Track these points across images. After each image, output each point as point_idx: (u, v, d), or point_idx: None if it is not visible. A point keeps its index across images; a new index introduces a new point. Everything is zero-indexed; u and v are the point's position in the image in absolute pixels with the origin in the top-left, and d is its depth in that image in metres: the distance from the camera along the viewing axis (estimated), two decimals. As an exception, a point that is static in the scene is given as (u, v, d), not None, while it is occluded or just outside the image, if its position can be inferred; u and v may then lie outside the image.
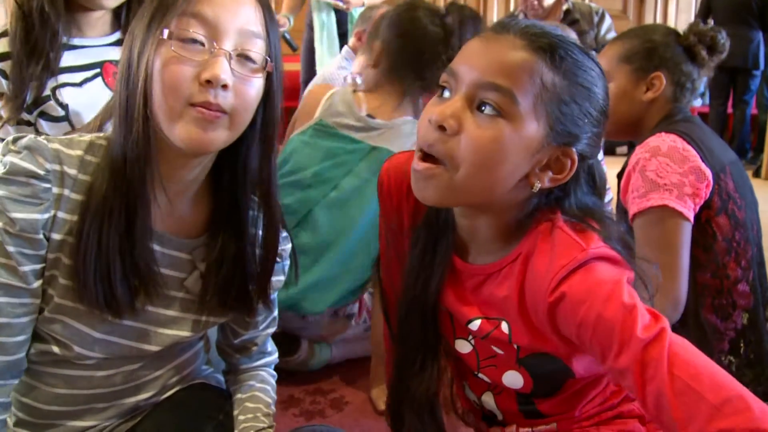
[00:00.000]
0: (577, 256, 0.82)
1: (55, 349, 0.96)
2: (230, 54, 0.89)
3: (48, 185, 0.89)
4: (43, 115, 1.45)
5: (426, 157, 0.85)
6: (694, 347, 0.78)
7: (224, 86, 0.88)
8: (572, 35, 2.31)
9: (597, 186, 0.95)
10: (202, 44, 0.89)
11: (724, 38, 1.57)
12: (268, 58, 0.94)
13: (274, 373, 1.23)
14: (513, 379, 0.97)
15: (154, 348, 1.02)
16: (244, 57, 0.91)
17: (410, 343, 1.02)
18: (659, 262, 1.38)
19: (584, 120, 0.86)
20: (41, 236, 0.90)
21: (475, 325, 0.96)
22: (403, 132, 1.63)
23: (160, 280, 0.97)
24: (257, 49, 0.92)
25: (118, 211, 0.91)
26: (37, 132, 1.48)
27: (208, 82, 0.87)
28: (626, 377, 0.78)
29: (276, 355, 1.23)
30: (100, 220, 0.90)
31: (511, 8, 6.38)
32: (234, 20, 0.90)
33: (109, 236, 0.91)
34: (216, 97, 0.88)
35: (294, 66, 3.66)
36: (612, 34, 3.25)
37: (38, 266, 0.91)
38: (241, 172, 1.00)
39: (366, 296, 1.83)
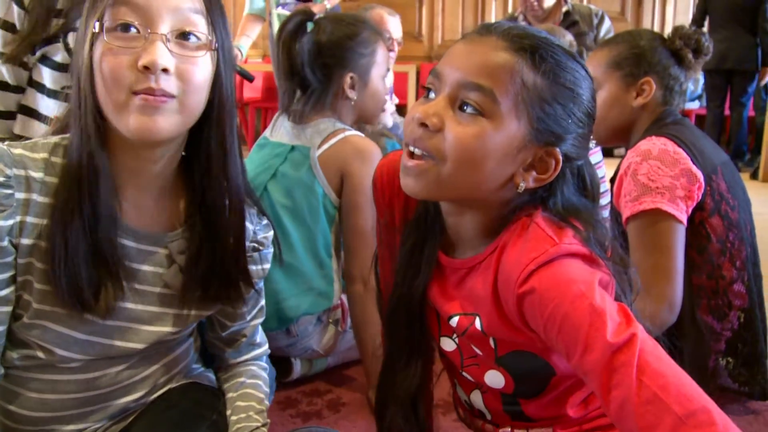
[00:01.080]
0: (549, 249, 0.82)
1: (39, 353, 0.95)
2: (166, 36, 0.88)
3: (10, 191, 0.88)
4: (46, 60, 1.37)
5: (412, 154, 0.87)
6: (665, 355, 0.77)
7: (164, 70, 0.87)
8: (568, 37, 2.31)
9: (587, 188, 0.95)
10: (138, 31, 0.87)
11: (707, 40, 1.59)
12: (211, 35, 0.92)
13: (266, 365, 1.22)
14: (494, 378, 0.98)
15: (138, 346, 1.01)
16: (182, 37, 0.90)
17: (397, 339, 1.04)
18: (653, 264, 1.39)
19: (568, 120, 0.87)
20: (5, 243, 0.89)
21: (455, 321, 0.97)
22: (320, 129, 1.67)
23: (129, 276, 0.97)
24: (197, 28, 0.91)
25: (79, 210, 0.90)
26: (31, 80, 1.41)
27: (146, 68, 0.86)
28: (591, 379, 0.78)
29: (266, 346, 1.23)
30: (64, 220, 0.90)
31: (510, 10, 6.39)
32: (165, 2, 0.89)
33: (72, 236, 0.90)
34: (158, 82, 0.87)
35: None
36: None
37: (6, 274, 0.90)
38: (205, 159, 0.99)
39: (345, 299, 1.80)
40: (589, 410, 1.01)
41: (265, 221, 1.12)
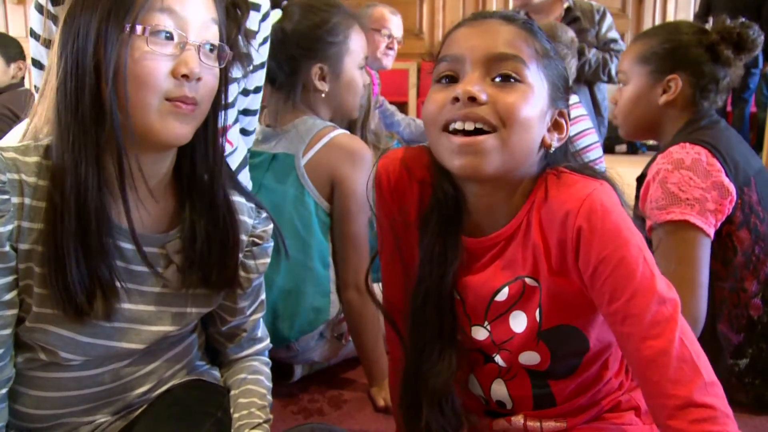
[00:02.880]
0: (598, 186, 0.89)
1: (42, 355, 0.96)
2: (199, 46, 0.91)
3: (6, 196, 0.88)
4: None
5: (462, 132, 0.88)
6: None
7: (198, 79, 0.91)
8: (570, 33, 2.30)
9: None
10: (171, 38, 0.90)
11: (755, 33, 1.50)
12: (224, 44, 0.96)
13: (268, 360, 1.22)
14: (530, 357, 0.99)
15: (140, 346, 1.02)
16: (208, 49, 0.93)
17: (427, 333, 1.02)
18: (678, 275, 1.35)
19: (561, 80, 0.95)
20: (7, 248, 0.89)
21: (504, 293, 0.97)
22: (300, 132, 1.59)
23: (126, 278, 0.97)
24: (216, 37, 0.95)
25: (70, 214, 0.89)
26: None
27: (184, 76, 0.89)
28: (630, 323, 0.84)
29: (267, 340, 1.23)
30: (56, 224, 0.89)
31: (510, 6, 6.38)
32: (198, 12, 0.92)
33: (65, 240, 0.89)
34: (191, 91, 0.90)
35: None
36: (613, 32, 3.24)
37: (9, 278, 0.90)
38: (203, 158, 1.01)
39: None
40: (602, 406, 1.03)
41: (264, 214, 1.12)
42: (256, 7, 1.41)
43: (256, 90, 1.61)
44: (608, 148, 5.18)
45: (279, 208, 1.55)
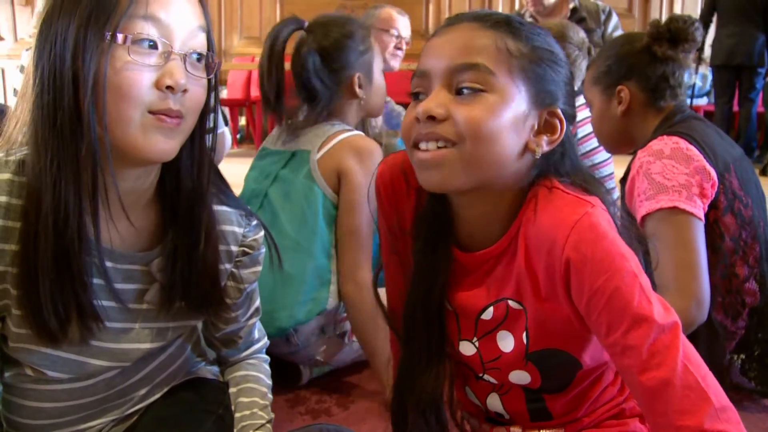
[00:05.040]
0: (588, 211, 0.84)
1: (29, 372, 0.95)
2: (185, 56, 0.86)
3: None
4: None
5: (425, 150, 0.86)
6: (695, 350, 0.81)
7: (184, 91, 0.85)
8: (581, 33, 2.30)
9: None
10: (154, 47, 0.84)
11: (686, 24, 1.53)
12: (211, 53, 0.91)
13: (267, 357, 1.21)
14: (520, 376, 0.97)
15: (125, 363, 1.00)
16: (195, 58, 0.88)
17: (416, 343, 1.02)
18: (676, 260, 1.37)
19: (556, 78, 0.89)
20: None
21: (489, 313, 0.96)
22: (319, 133, 1.65)
23: (106, 299, 0.93)
24: (203, 45, 0.90)
25: (46, 238, 0.84)
26: None
27: (169, 88, 0.84)
28: (629, 356, 0.80)
29: (265, 339, 1.22)
30: (30, 247, 0.85)
31: (516, 7, 6.37)
32: (184, 19, 0.87)
33: (39, 262, 0.84)
34: (176, 104, 0.85)
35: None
36: (619, 32, 3.24)
37: None
38: (188, 173, 0.96)
39: None
40: (601, 412, 1.02)
41: (254, 222, 1.08)
42: None
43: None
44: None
45: (288, 195, 1.65)
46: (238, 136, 7.04)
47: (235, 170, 2.14)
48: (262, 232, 1.09)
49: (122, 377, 1.02)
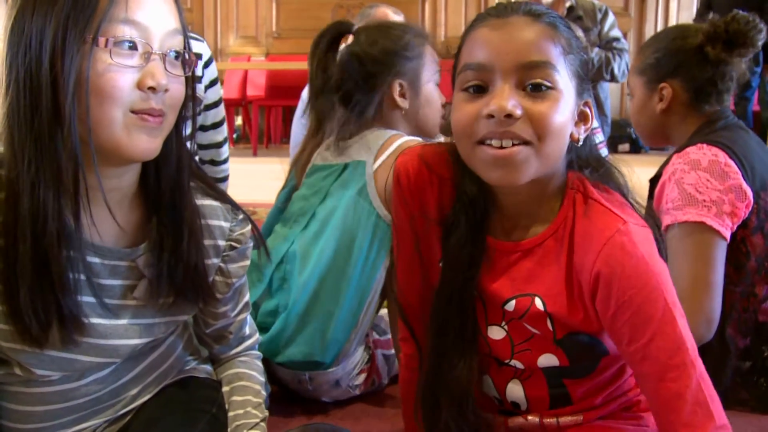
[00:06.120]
0: (620, 228, 0.88)
1: (17, 370, 0.94)
2: (164, 56, 0.88)
3: None
4: None
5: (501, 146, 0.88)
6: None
7: (165, 90, 0.87)
8: (578, 32, 2.30)
9: None
10: (134, 48, 0.86)
11: (748, 26, 1.46)
12: (187, 53, 0.92)
13: (259, 353, 1.21)
14: (549, 360, 0.99)
15: (115, 359, 1.00)
16: (173, 56, 0.90)
17: (449, 334, 1.01)
18: (693, 275, 1.35)
19: (585, 69, 0.94)
20: None
21: (512, 305, 0.97)
22: (368, 140, 1.56)
23: (94, 295, 0.93)
24: (181, 44, 0.91)
25: (24, 241, 0.84)
26: None
27: (151, 88, 0.85)
28: (648, 365, 0.85)
29: (257, 335, 1.21)
30: (10, 245, 0.85)
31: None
32: (161, 22, 0.88)
33: (18, 265, 0.84)
34: (158, 103, 0.87)
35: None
36: (615, 31, 3.25)
37: None
38: (168, 168, 0.97)
39: (380, 360, 1.64)
40: (620, 403, 1.04)
41: (241, 216, 1.08)
42: (198, 57, 1.51)
43: (214, 126, 1.83)
44: (612, 147, 5.18)
45: (333, 213, 1.53)
46: (234, 135, 7.03)
47: (231, 170, 2.14)
48: (249, 227, 1.09)
49: (113, 377, 1.02)
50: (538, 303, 0.95)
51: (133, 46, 0.85)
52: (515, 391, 1.04)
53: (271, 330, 1.51)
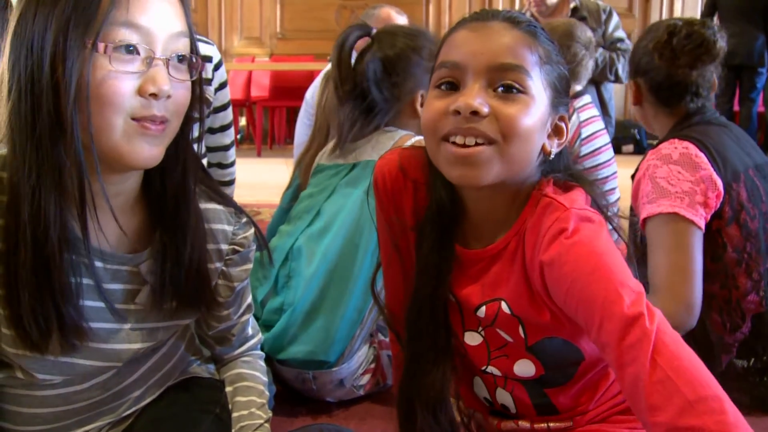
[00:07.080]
0: (560, 216, 0.87)
1: (19, 374, 0.93)
2: (167, 61, 0.85)
3: None
4: None
5: (462, 145, 0.87)
6: (682, 340, 0.78)
7: (168, 96, 0.85)
8: (588, 33, 2.30)
9: None
10: (136, 53, 0.83)
11: (689, 39, 1.49)
12: (194, 56, 0.90)
13: (262, 353, 1.21)
14: (524, 367, 0.98)
15: (117, 363, 0.99)
16: (177, 60, 0.87)
17: (422, 341, 1.01)
18: (671, 264, 1.37)
19: (563, 79, 0.94)
20: None
21: (482, 311, 0.97)
22: (380, 140, 1.57)
23: (95, 299, 0.92)
24: (186, 47, 0.89)
25: (25, 246, 0.83)
26: None
27: (152, 95, 0.83)
28: (608, 353, 0.80)
29: (259, 335, 1.21)
30: (11, 250, 0.84)
31: (517, 6, 6.37)
32: (165, 24, 0.86)
33: (18, 272, 0.83)
34: (160, 109, 0.84)
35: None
36: (620, 32, 3.24)
37: None
38: (173, 174, 0.95)
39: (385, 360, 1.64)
40: (609, 406, 1.02)
41: (244, 219, 1.07)
42: (208, 59, 1.57)
43: (222, 128, 1.85)
44: (615, 148, 5.16)
45: (341, 211, 1.55)
46: (238, 136, 7.04)
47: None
48: (252, 230, 1.08)
49: (116, 379, 1.01)
50: (504, 307, 0.95)
51: (135, 51, 0.83)
52: (504, 395, 1.05)
53: (276, 327, 1.52)
